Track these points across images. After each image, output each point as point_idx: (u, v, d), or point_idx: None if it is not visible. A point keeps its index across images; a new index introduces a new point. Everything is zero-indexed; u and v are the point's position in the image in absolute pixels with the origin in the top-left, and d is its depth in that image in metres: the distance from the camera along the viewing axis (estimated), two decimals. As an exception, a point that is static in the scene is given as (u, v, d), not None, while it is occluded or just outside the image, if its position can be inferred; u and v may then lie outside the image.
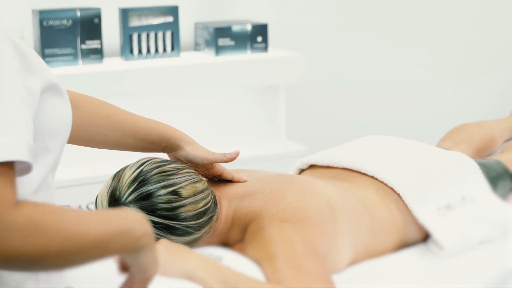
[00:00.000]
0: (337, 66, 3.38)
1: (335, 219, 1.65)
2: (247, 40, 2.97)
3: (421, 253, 1.78)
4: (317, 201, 1.65)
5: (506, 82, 3.66)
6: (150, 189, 1.52)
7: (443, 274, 1.70)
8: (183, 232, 1.54)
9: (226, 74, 2.88)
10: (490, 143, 2.30)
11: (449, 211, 1.80)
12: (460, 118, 3.11)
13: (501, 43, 3.65)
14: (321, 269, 1.52)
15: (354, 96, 3.44)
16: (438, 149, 2.02)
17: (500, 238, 1.82)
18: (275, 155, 2.97)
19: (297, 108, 3.29)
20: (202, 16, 3.11)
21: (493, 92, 3.66)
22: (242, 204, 1.65)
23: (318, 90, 3.36)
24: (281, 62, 2.96)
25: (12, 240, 0.98)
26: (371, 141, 2.03)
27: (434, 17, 3.52)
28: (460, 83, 3.61)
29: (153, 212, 1.51)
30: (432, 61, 3.55)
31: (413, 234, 1.81)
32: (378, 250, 1.75)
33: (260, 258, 1.54)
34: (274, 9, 3.23)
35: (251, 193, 1.67)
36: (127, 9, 2.84)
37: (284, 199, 1.63)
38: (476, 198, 1.85)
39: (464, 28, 3.58)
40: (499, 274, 1.73)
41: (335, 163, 1.90)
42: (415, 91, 3.54)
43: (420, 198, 1.79)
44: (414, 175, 1.84)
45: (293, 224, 1.58)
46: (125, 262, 1.20)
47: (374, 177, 1.83)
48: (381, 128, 3.35)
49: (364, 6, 3.39)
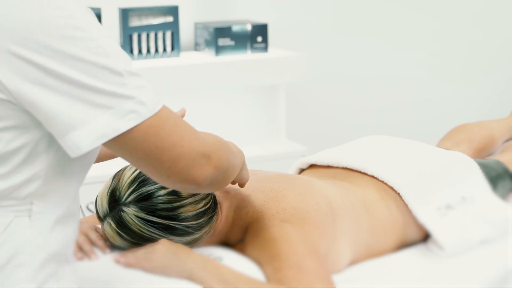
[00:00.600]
0: (337, 66, 3.38)
1: (335, 219, 1.66)
2: (247, 40, 2.97)
3: (421, 253, 1.78)
4: (317, 201, 1.65)
5: (506, 82, 3.67)
6: (150, 189, 1.52)
7: (443, 274, 1.70)
8: (183, 232, 1.54)
9: (226, 74, 2.88)
10: (490, 143, 2.30)
11: (449, 211, 1.80)
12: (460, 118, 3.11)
13: (501, 43, 3.65)
14: (321, 269, 1.52)
15: (354, 96, 3.44)
16: (438, 149, 2.02)
17: (500, 238, 1.82)
18: (275, 155, 2.97)
19: (297, 108, 3.29)
20: (202, 16, 3.11)
21: (493, 92, 3.66)
22: (242, 204, 1.65)
23: (318, 90, 3.36)
24: (281, 62, 2.96)
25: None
26: (371, 141, 2.03)
27: (434, 17, 3.52)
28: (460, 83, 3.61)
29: (153, 213, 1.51)
30: (432, 61, 3.55)
31: (413, 234, 1.81)
32: (378, 250, 1.75)
33: (260, 258, 1.54)
34: (274, 9, 3.23)
35: (251, 193, 1.67)
36: (127, 9, 2.84)
37: (284, 199, 1.63)
38: (476, 198, 1.85)
39: (464, 28, 3.58)
40: (499, 274, 1.73)
41: (335, 163, 1.90)
42: (415, 91, 3.54)
43: (420, 198, 1.79)
44: (414, 175, 1.84)
45: (293, 224, 1.58)
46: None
47: (374, 177, 1.83)
48: (381, 128, 3.35)
49: (364, 6, 3.39)
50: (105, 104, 1.17)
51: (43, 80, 1.16)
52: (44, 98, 1.16)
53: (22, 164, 1.23)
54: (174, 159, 1.22)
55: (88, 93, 1.17)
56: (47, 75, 1.16)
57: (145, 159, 1.21)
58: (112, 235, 1.53)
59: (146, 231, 1.51)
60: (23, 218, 1.25)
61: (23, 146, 1.22)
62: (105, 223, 1.53)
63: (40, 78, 1.16)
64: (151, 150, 1.20)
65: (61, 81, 1.16)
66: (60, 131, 1.18)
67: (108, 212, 1.53)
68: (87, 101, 1.17)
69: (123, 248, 1.54)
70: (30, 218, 1.26)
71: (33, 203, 1.26)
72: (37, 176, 1.24)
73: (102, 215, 1.54)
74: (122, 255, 1.51)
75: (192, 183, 1.24)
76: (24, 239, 1.25)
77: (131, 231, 1.51)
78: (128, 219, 1.51)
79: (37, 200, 1.26)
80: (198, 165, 1.24)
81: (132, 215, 1.50)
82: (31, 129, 1.22)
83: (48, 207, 1.27)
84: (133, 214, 1.50)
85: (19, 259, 1.24)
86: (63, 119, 1.17)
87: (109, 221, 1.52)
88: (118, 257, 1.51)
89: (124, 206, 1.51)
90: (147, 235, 1.51)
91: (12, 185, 1.23)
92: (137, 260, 1.49)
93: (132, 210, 1.51)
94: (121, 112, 1.18)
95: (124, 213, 1.51)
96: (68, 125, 1.17)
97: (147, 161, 1.22)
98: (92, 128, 1.17)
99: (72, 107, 1.17)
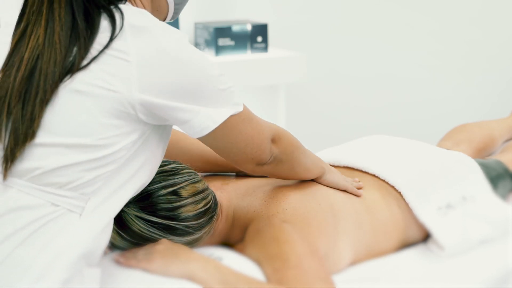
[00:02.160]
0: (337, 66, 3.38)
1: (336, 219, 1.66)
2: (247, 40, 2.97)
3: (421, 253, 1.78)
4: (318, 202, 1.65)
5: (506, 82, 3.66)
6: (150, 189, 1.52)
7: (443, 274, 1.70)
8: (183, 232, 1.54)
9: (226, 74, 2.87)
10: (490, 143, 2.30)
11: (449, 211, 1.80)
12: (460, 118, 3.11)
13: (501, 43, 3.65)
14: (321, 269, 1.52)
15: (354, 96, 3.44)
16: (439, 149, 2.02)
17: (500, 238, 1.82)
18: (275, 155, 2.97)
19: (297, 108, 3.29)
20: (202, 16, 3.11)
21: (493, 92, 3.66)
22: (242, 203, 1.65)
23: (318, 90, 3.36)
24: (281, 62, 2.96)
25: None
26: (372, 140, 2.03)
27: (434, 17, 3.52)
28: (460, 83, 3.61)
29: (153, 213, 1.51)
30: (432, 61, 3.55)
31: (414, 234, 1.81)
32: (379, 250, 1.75)
33: (260, 258, 1.54)
34: (274, 9, 3.23)
35: (251, 192, 1.67)
36: (127, 9, 2.84)
37: (285, 199, 1.63)
38: (477, 198, 1.85)
39: (464, 28, 3.58)
40: (499, 274, 1.73)
41: (336, 162, 1.91)
42: (415, 91, 3.54)
43: (421, 197, 1.79)
44: (415, 175, 1.84)
45: (293, 224, 1.58)
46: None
47: (376, 176, 1.83)
48: (381, 128, 3.35)
49: (364, 6, 3.39)
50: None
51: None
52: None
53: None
54: (258, 145, 1.47)
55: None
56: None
57: (237, 146, 1.45)
58: (112, 235, 1.53)
59: (146, 231, 1.51)
60: (74, 215, 1.31)
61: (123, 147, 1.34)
62: (106, 223, 1.54)
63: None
64: (245, 137, 1.45)
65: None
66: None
67: (108, 212, 1.53)
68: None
69: (123, 248, 1.54)
70: (80, 216, 1.31)
71: (91, 199, 1.32)
72: (104, 176, 1.33)
73: (102, 216, 1.54)
74: (122, 255, 1.51)
75: (262, 161, 1.51)
76: (66, 234, 1.30)
77: (131, 231, 1.51)
78: (128, 219, 1.51)
79: (94, 198, 1.32)
80: (269, 145, 1.51)
81: (132, 215, 1.50)
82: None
83: (102, 208, 1.33)
84: (133, 214, 1.50)
85: (55, 251, 1.29)
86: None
87: (109, 221, 1.53)
88: (118, 257, 1.51)
89: (124, 206, 1.51)
90: (147, 235, 1.51)
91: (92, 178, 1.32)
92: (137, 260, 1.49)
93: (132, 210, 1.51)
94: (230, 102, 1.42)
95: (124, 213, 1.50)
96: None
97: (238, 148, 1.46)
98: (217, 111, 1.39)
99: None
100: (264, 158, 1.51)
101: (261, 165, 1.53)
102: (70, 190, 1.31)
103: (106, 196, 1.34)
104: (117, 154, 1.33)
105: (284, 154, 1.57)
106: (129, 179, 1.37)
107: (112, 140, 1.32)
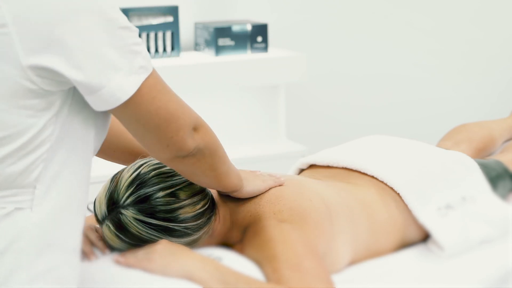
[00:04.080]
0: (337, 65, 3.38)
1: (331, 217, 1.65)
2: (247, 40, 2.97)
3: (421, 253, 1.78)
4: (309, 198, 1.65)
5: (506, 82, 3.66)
6: (148, 191, 1.52)
7: (443, 274, 1.70)
8: (182, 233, 1.54)
9: (226, 74, 2.88)
10: (490, 143, 2.30)
11: (449, 211, 1.80)
12: (460, 118, 3.11)
13: (501, 43, 3.65)
14: (321, 268, 1.52)
15: (354, 95, 3.44)
16: (438, 149, 2.02)
17: (500, 238, 1.82)
18: (275, 155, 2.97)
19: (297, 108, 3.29)
20: (202, 16, 3.11)
21: (493, 92, 3.66)
22: (238, 208, 1.65)
23: (318, 90, 3.36)
24: (281, 62, 2.96)
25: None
26: (371, 141, 2.03)
27: (433, 17, 3.52)
28: (460, 82, 3.61)
29: (152, 215, 1.51)
30: (432, 60, 3.55)
31: (413, 234, 1.81)
32: (378, 250, 1.75)
33: (259, 259, 1.54)
34: (274, 9, 3.23)
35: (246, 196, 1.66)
36: (127, 9, 2.84)
37: (279, 201, 1.62)
38: (477, 198, 1.85)
39: (464, 27, 3.58)
40: (499, 274, 1.73)
41: (335, 163, 1.90)
42: (415, 90, 3.54)
43: (420, 198, 1.79)
44: (415, 175, 1.84)
45: (291, 224, 1.58)
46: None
47: (374, 177, 1.83)
48: (381, 127, 3.35)
49: (363, 5, 3.39)
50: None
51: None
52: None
53: (28, 144, 1.27)
54: (175, 130, 1.34)
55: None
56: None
57: (150, 127, 1.32)
58: (111, 238, 1.53)
59: (145, 233, 1.51)
60: (24, 211, 1.28)
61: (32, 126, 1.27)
62: (104, 226, 1.53)
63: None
64: (158, 113, 1.34)
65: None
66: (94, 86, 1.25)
67: (107, 215, 1.52)
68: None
69: (122, 250, 1.54)
70: (31, 210, 1.28)
71: (36, 187, 1.28)
72: (41, 159, 1.27)
73: (100, 218, 1.54)
74: (122, 256, 1.51)
75: (183, 151, 1.37)
76: (23, 228, 1.27)
77: (130, 234, 1.51)
78: (127, 222, 1.50)
79: (40, 185, 1.28)
80: (191, 134, 1.38)
81: (130, 217, 1.50)
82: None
83: (52, 194, 1.29)
84: (131, 216, 1.50)
85: (16, 246, 1.26)
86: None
87: (108, 224, 1.52)
88: (118, 257, 1.51)
89: (123, 209, 1.51)
90: (146, 237, 1.51)
91: (22, 168, 1.26)
92: (137, 261, 1.49)
93: (131, 212, 1.50)
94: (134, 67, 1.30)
95: (122, 215, 1.50)
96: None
97: (151, 131, 1.32)
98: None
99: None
100: (185, 148, 1.36)
101: (182, 157, 1.38)
102: (8, 189, 1.28)
103: (53, 176, 1.30)
104: (44, 133, 1.28)
105: (208, 148, 1.42)
106: (69, 157, 1.32)
107: (30, 121, 1.27)
